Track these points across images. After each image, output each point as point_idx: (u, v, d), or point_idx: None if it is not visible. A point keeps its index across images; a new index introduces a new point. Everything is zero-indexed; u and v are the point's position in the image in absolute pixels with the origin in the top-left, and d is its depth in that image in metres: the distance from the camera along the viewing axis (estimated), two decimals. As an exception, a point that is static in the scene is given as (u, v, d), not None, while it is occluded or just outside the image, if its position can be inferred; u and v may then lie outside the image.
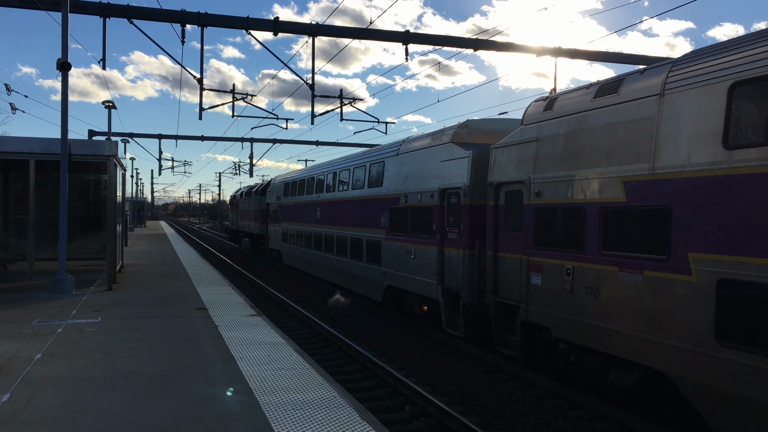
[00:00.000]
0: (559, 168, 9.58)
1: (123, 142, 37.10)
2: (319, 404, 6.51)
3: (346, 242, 19.39)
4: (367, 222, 17.64)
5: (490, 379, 10.74)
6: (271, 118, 27.07)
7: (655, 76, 8.04)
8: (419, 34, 17.36)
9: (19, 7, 14.70)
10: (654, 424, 8.18)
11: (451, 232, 12.87)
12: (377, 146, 19.78)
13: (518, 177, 10.57)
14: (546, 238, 9.83)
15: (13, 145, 15.53)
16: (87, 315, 11.46)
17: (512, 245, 10.77)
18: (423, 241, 14.07)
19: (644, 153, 7.88)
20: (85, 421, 5.87)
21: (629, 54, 19.19)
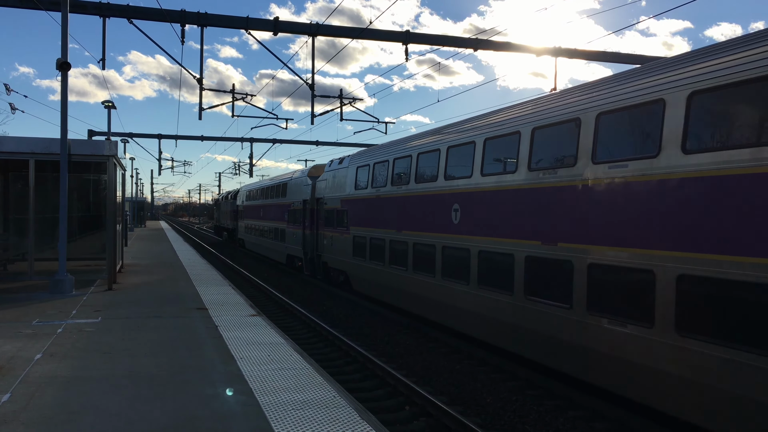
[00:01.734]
0: (331, 192, 21.82)
1: (123, 142, 37.08)
2: (319, 404, 6.51)
3: (271, 230, 32.76)
4: (278, 218, 30.76)
5: (490, 379, 10.75)
6: (270, 118, 27.07)
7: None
8: (420, 34, 17.36)
9: (19, 7, 14.70)
10: (654, 424, 8.18)
11: (306, 221, 25.04)
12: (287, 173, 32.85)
13: (320, 195, 23.36)
14: (328, 223, 21.88)
15: (13, 145, 15.52)
16: (87, 315, 11.46)
17: (321, 227, 22.95)
18: (297, 227, 26.40)
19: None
20: (85, 421, 5.87)
21: (627, 54, 19.18)
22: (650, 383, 7.76)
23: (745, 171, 6.78)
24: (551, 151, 10.08)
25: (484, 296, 11.53)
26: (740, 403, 6.65)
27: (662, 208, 7.74)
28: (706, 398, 7.05)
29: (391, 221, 16.24)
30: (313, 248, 24.10)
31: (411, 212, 15.18)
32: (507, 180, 11.08)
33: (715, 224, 7.04)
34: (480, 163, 11.94)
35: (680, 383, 7.34)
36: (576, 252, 9.14)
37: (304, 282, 24.20)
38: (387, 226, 16.47)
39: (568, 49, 18.21)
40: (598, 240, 8.76)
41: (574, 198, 9.27)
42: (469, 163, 12.34)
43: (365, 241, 17.99)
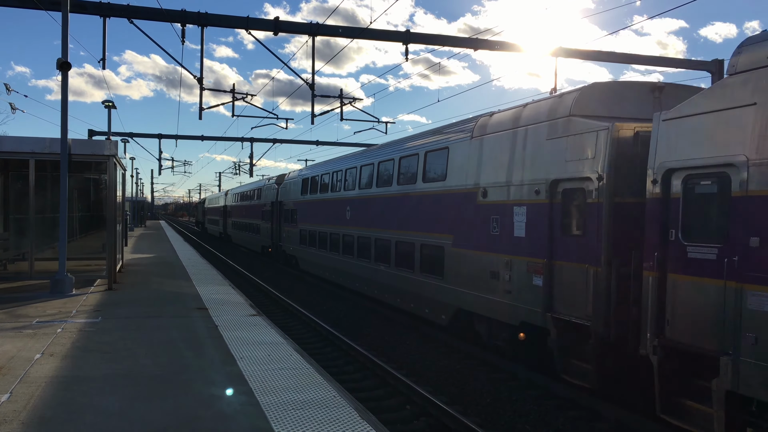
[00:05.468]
0: (288, 197, 28.49)
1: (123, 141, 37.11)
2: (319, 404, 6.51)
3: (247, 225, 40.39)
4: (258, 216, 35.95)
5: (490, 379, 10.74)
6: (271, 118, 27.10)
7: None
8: (420, 34, 17.35)
9: (19, 6, 14.69)
10: (654, 424, 8.18)
11: (273, 219, 31.17)
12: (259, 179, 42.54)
13: (282, 199, 29.51)
14: (285, 220, 28.40)
15: (13, 144, 15.51)
16: (87, 315, 11.46)
17: (282, 223, 28.85)
18: (267, 223, 32.62)
19: None
20: (85, 421, 5.87)
21: (623, 53, 19.17)
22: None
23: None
24: (436, 168, 14.05)
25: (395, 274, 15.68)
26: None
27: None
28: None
29: (326, 218, 21.90)
30: (277, 239, 30.96)
31: (341, 212, 19.97)
32: (411, 188, 15.10)
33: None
34: (395, 176, 16.21)
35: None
36: (443, 240, 13.17)
37: (272, 265, 31.10)
38: (324, 222, 22.19)
39: (568, 50, 18.21)
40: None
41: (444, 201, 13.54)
42: (389, 176, 16.62)
43: (308, 233, 24.29)
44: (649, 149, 8.00)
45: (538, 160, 10.17)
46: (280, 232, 30.09)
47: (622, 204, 8.63)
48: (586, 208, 9.10)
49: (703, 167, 7.27)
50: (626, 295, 8.39)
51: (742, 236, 6.67)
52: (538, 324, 9.96)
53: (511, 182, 10.86)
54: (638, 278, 8.14)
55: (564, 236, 9.59)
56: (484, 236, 11.58)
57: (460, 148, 12.81)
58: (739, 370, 6.60)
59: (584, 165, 9.11)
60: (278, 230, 30.37)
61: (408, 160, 15.38)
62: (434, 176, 13.94)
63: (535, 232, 10.14)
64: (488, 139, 11.82)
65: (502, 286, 10.95)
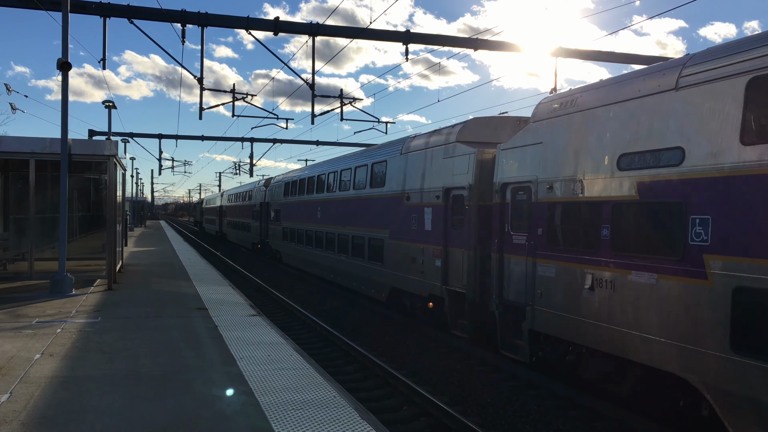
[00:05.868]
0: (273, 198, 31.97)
1: (123, 141, 37.10)
2: (320, 404, 6.51)
3: (240, 224, 43.35)
4: (249, 215, 38.98)
5: (490, 379, 10.74)
6: (271, 118, 27.09)
7: None
8: (420, 34, 17.35)
9: (20, 6, 14.69)
10: (654, 424, 8.18)
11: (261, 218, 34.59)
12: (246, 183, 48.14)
13: (268, 200, 32.89)
14: (271, 219, 31.81)
15: (13, 144, 15.51)
16: (87, 315, 11.46)
17: (268, 222, 32.40)
18: (257, 222, 35.85)
19: None
20: (84, 421, 5.87)
21: (623, 53, 19.17)
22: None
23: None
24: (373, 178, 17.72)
25: (352, 262, 19.02)
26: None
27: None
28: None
29: (302, 218, 25.46)
30: (264, 236, 34.00)
31: (313, 212, 23.51)
32: (362, 193, 18.65)
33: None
34: (352, 183, 19.54)
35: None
36: (383, 234, 16.49)
37: (271, 265, 31.94)
38: (301, 221, 25.75)
39: (568, 49, 18.20)
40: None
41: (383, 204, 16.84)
42: (348, 182, 19.97)
43: (289, 231, 27.82)
44: (498, 169, 11.20)
45: (438, 173, 13.63)
46: (267, 230, 33.28)
47: (484, 206, 11.93)
48: (464, 209, 12.51)
49: (520, 182, 10.47)
50: (485, 270, 11.77)
51: (535, 228, 9.96)
52: (438, 294, 13.47)
53: (423, 189, 14.35)
54: (490, 258, 11.45)
55: (453, 229, 13.06)
56: (408, 230, 15.04)
57: (394, 162, 16.22)
58: (534, 315, 9.90)
59: (463, 178, 12.57)
60: (266, 228, 33.61)
61: (361, 170, 18.83)
62: (378, 183, 17.30)
63: (437, 227, 13.58)
64: (411, 155, 15.30)
65: (418, 267, 14.46)
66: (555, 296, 9.41)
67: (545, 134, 9.82)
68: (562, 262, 9.31)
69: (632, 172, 8.02)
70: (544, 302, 9.62)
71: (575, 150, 9.19)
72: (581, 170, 8.99)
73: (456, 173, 12.82)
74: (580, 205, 9.02)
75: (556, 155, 9.59)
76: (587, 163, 8.89)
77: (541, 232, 9.74)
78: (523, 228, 10.38)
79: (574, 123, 9.24)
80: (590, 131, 8.90)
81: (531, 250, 9.98)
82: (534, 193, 9.93)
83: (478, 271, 11.99)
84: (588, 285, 8.64)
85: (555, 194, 9.52)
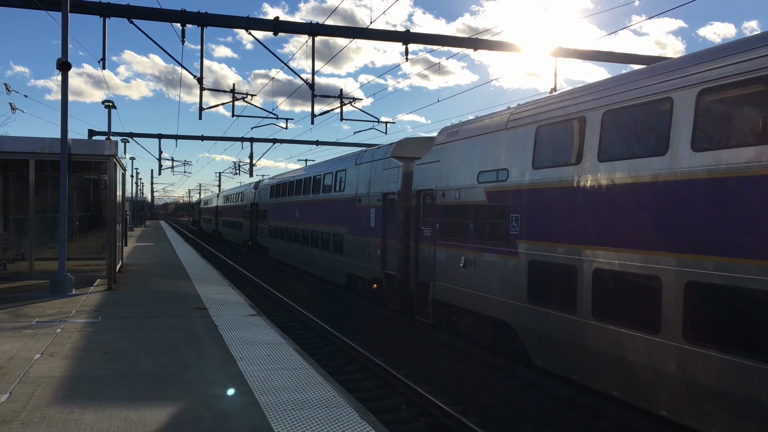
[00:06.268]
0: (261, 199, 35.49)
1: (123, 141, 37.09)
2: (319, 404, 6.51)
3: (233, 223, 47.34)
4: (241, 215, 42.65)
5: (490, 379, 10.74)
6: (271, 117, 27.07)
7: None
8: (420, 34, 17.35)
9: (20, 6, 14.69)
10: (654, 424, 8.17)
11: (251, 217, 38.06)
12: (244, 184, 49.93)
13: (257, 201, 36.49)
14: (258, 218, 36.39)
15: (13, 144, 15.51)
16: (87, 315, 11.46)
17: (257, 221, 36.53)
18: (248, 221, 39.20)
19: None
20: (85, 420, 5.86)
21: (622, 53, 19.17)
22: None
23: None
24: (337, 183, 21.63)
25: (325, 256, 22.26)
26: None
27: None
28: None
29: (284, 217, 29.22)
30: (254, 234, 37.61)
31: (293, 212, 27.32)
32: (328, 196, 22.16)
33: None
34: (321, 187, 23.36)
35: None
36: (343, 230, 20.15)
37: (251, 255, 37.55)
38: (283, 220, 29.51)
39: (567, 49, 18.20)
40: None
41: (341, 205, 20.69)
42: (319, 186, 23.76)
43: (274, 228, 31.66)
44: (414, 178, 14.81)
45: (379, 181, 17.26)
46: (256, 228, 37.17)
47: (407, 207, 15.26)
48: (394, 209, 16.04)
49: (427, 190, 14.00)
50: (408, 256, 15.12)
51: (435, 224, 13.50)
52: (379, 277, 17.07)
53: (369, 193, 17.95)
54: (417, 249, 14.67)
55: (388, 225, 16.59)
56: (360, 227, 18.57)
57: (351, 171, 19.95)
58: (435, 288, 13.49)
59: (394, 185, 16.13)
60: (255, 227, 37.56)
61: (328, 176, 22.63)
62: (339, 188, 21.03)
63: (378, 224, 17.17)
64: (362, 166, 18.94)
65: (366, 256, 18.04)
66: (446, 273, 13.00)
67: (441, 155, 13.44)
68: (449, 248, 12.87)
69: (485, 184, 11.50)
70: (440, 278, 13.25)
71: (456, 167, 12.66)
72: (459, 182, 12.50)
73: (390, 181, 16.41)
74: (458, 207, 12.54)
75: (446, 170, 13.09)
76: (462, 177, 12.40)
77: (438, 226, 13.37)
78: (429, 224, 13.94)
79: (457, 148, 12.75)
80: (464, 154, 12.43)
81: (432, 240, 13.66)
82: (434, 198, 13.54)
83: (403, 257, 15.42)
84: (462, 264, 12.23)
85: (445, 199, 13.05)
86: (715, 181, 6.95)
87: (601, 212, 8.59)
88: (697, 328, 7.08)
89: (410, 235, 14.97)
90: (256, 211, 36.81)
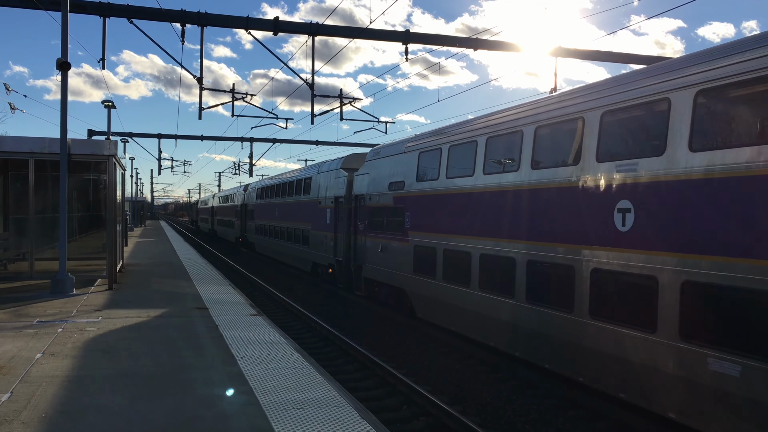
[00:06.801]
0: (249, 200, 40.46)
1: (122, 141, 37.09)
2: (319, 403, 6.52)
3: (226, 222, 50.66)
4: (233, 215, 46.67)
5: (490, 378, 10.76)
6: (270, 117, 27.09)
7: None
8: (420, 34, 17.36)
9: (20, 6, 14.70)
10: (655, 424, 8.19)
11: (241, 216, 42.90)
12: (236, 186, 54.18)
13: (245, 202, 41.64)
14: (246, 217, 41.38)
15: (12, 144, 15.50)
16: (87, 315, 11.47)
17: (246, 219, 41.54)
18: (238, 220, 44.19)
19: None
20: (85, 420, 5.88)
21: (630, 54, 19.19)
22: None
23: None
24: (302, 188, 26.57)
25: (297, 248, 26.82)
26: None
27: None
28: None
29: (267, 216, 33.64)
30: (243, 232, 42.15)
31: (273, 211, 32.01)
32: (298, 198, 26.89)
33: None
34: (294, 191, 27.91)
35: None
36: (308, 226, 24.54)
37: (251, 255, 39.23)
38: (266, 218, 33.94)
39: (567, 49, 18.21)
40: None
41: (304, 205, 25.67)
42: (292, 190, 28.41)
43: (259, 226, 35.91)
44: (354, 185, 19.13)
45: (333, 187, 21.76)
46: (245, 226, 41.67)
47: (349, 208, 19.52)
48: (343, 209, 20.31)
49: (360, 195, 18.16)
50: (350, 246, 19.34)
51: (365, 220, 17.71)
52: (332, 263, 21.58)
53: (326, 197, 22.38)
54: (354, 240, 18.88)
55: (339, 222, 20.77)
56: (320, 224, 22.91)
57: (314, 178, 24.54)
58: (365, 269, 17.72)
59: (342, 191, 20.57)
60: (244, 225, 42.06)
61: (299, 182, 27.15)
62: (307, 192, 25.45)
63: (332, 221, 21.42)
64: (321, 174, 23.64)
65: (324, 247, 22.49)
66: (371, 257, 17.37)
67: (369, 168, 17.83)
68: (373, 239, 17.23)
69: (392, 191, 15.87)
70: (368, 261, 17.69)
71: (377, 178, 16.96)
72: (379, 189, 16.81)
73: (339, 188, 20.93)
74: (378, 207, 16.94)
75: (372, 180, 17.42)
76: (381, 185, 16.69)
77: (367, 222, 17.76)
78: (362, 220, 18.22)
79: (378, 164, 17.14)
80: (382, 169, 16.74)
81: (364, 232, 17.99)
82: (365, 201, 17.86)
83: (347, 247, 19.75)
84: (380, 249, 16.71)
85: (371, 202, 17.43)
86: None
87: (448, 211, 13.01)
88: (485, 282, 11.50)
89: (351, 229, 19.35)
90: (245, 211, 41.15)
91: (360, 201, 18.28)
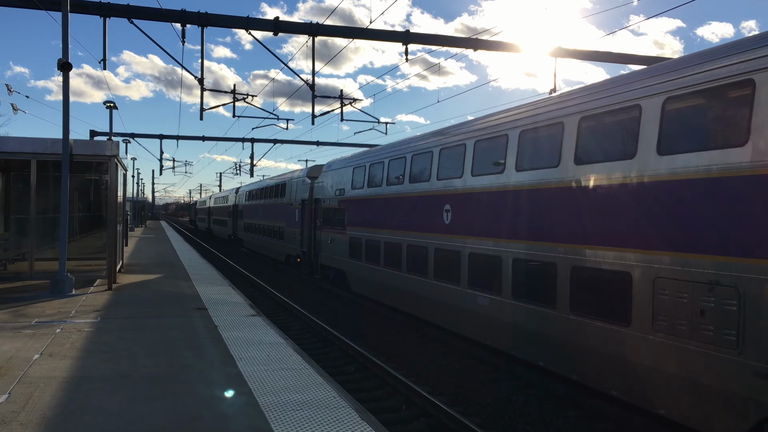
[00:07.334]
0: (241, 201, 46.15)
1: (124, 142, 37.15)
2: (319, 404, 6.51)
3: (221, 221, 56.10)
4: (226, 214, 52.24)
5: (490, 379, 10.74)
6: (271, 118, 27.14)
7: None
8: (420, 35, 17.35)
9: (20, 6, 14.70)
10: (655, 424, 8.17)
11: (233, 216, 49.03)
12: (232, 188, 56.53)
13: (236, 203, 47.41)
14: (238, 216, 46.60)
15: (15, 145, 15.50)
16: (86, 315, 11.46)
17: (237, 219, 46.44)
18: (231, 219, 49.71)
19: None
20: (84, 421, 5.87)
21: (629, 54, 19.18)
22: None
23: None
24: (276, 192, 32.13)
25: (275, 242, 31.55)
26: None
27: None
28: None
29: (253, 215, 38.07)
30: (235, 230, 46.74)
31: (258, 211, 36.57)
32: (276, 200, 31.38)
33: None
34: (273, 194, 32.37)
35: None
36: (283, 224, 29.53)
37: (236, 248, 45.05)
38: (252, 218, 38.40)
39: (566, 50, 18.19)
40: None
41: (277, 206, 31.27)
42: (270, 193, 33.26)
43: (247, 224, 40.45)
44: (314, 191, 23.81)
45: (300, 192, 25.99)
46: (236, 224, 46.00)
47: (311, 209, 23.94)
48: (307, 210, 24.61)
49: (318, 198, 23.06)
50: (311, 239, 23.88)
51: (321, 218, 22.55)
52: (300, 254, 25.95)
53: (296, 199, 26.72)
54: (314, 234, 23.51)
55: (303, 220, 25.02)
56: (292, 221, 27.15)
57: (288, 183, 28.90)
58: (320, 257, 22.89)
59: (307, 194, 24.80)
60: (235, 223, 46.47)
61: (277, 186, 31.59)
62: (282, 195, 29.88)
63: (300, 219, 25.71)
64: (292, 180, 28.14)
65: (294, 241, 26.80)
66: (325, 247, 21.85)
67: (324, 178, 22.25)
68: (326, 233, 21.50)
69: (338, 196, 20.11)
70: (323, 251, 22.15)
71: (330, 185, 21.32)
72: (330, 194, 21.17)
73: (304, 192, 25.15)
74: (330, 208, 21.08)
75: (326, 187, 21.76)
76: (331, 191, 21.01)
77: (322, 220, 22.05)
78: (319, 218, 22.54)
79: (330, 174, 21.49)
80: (333, 179, 21.09)
81: (320, 228, 22.27)
82: (321, 203, 22.24)
83: (309, 240, 24.20)
84: (330, 241, 21.03)
85: (325, 204, 21.68)
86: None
87: (372, 211, 17.29)
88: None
89: (312, 225, 23.78)
90: (236, 211, 45.78)
91: (318, 203, 22.91)
